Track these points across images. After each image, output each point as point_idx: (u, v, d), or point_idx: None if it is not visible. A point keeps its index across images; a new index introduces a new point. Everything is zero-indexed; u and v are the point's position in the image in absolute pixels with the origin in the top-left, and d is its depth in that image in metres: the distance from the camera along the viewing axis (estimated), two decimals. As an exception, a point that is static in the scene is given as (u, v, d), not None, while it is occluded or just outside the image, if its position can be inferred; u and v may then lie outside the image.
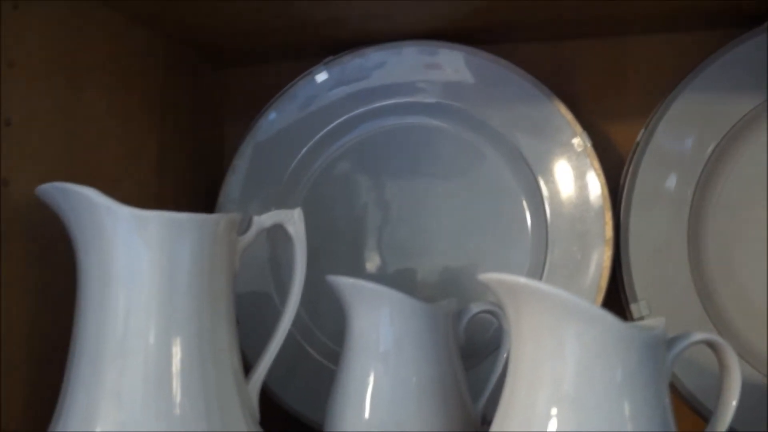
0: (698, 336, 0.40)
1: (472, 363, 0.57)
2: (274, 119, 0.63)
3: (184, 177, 0.67)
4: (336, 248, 0.63)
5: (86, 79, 0.54)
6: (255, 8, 0.57)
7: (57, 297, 0.51)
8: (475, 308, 0.53)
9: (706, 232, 0.57)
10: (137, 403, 0.43)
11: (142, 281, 0.44)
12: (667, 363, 0.39)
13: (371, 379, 0.50)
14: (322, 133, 0.63)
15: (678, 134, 0.57)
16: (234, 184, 0.63)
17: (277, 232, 0.54)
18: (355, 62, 0.62)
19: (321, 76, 0.63)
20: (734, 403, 0.40)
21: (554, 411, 0.37)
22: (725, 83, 0.56)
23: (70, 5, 0.53)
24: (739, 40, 0.56)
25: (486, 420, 0.54)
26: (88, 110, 0.54)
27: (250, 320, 0.60)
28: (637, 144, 0.58)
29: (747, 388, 0.52)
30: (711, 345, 0.41)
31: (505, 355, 0.53)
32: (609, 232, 0.56)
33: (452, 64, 0.61)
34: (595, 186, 0.58)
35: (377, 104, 0.62)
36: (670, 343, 0.40)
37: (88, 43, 0.54)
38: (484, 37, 0.62)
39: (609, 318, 0.37)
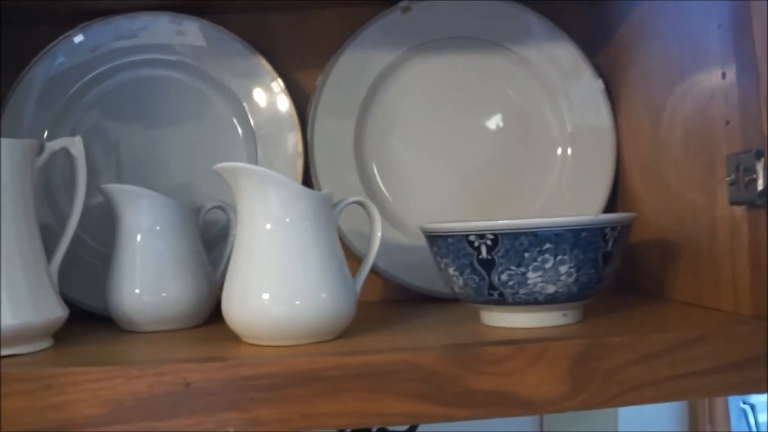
0: (353, 198, 0.65)
1: (211, 246, 0.78)
2: (62, 62, 0.79)
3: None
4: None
5: None
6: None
7: None
8: (208, 205, 0.74)
9: (366, 143, 0.82)
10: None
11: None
12: (336, 215, 0.63)
13: (137, 257, 0.69)
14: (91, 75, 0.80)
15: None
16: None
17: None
18: (114, 25, 0.80)
19: (78, 38, 0.79)
20: (379, 234, 0.65)
21: (269, 227, 0.59)
22: (372, 44, 0.81)
23: None
24: (380, 15, 0.81)
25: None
26: None
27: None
28: (317, 86, 0.82)
29: (393, 247, 0.79)
30: (362, 205, 0.65)
31: (233, 234, 0.75)
32: (300, 147, 0.80)
33: (193, 31, 0.81)
34: (289, 116, 0.81)
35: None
36: (336, 204, 0.64)
37: None
38: (204, 8, 0.82)
39: (296, 184, 0.60)
